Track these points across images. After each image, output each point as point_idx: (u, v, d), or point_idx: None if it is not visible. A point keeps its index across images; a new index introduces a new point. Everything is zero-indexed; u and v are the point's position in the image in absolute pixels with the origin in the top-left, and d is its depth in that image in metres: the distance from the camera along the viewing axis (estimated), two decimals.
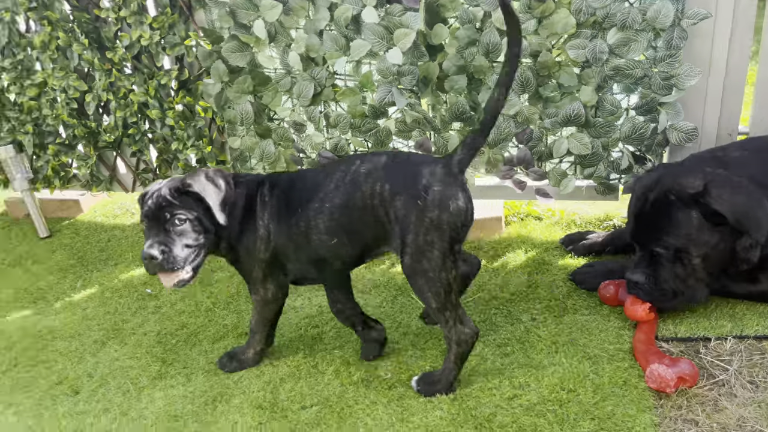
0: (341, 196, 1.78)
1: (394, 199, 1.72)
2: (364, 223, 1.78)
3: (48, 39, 2.70)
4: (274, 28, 2.40)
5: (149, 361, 2.17)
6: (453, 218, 1.69)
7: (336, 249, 1.83)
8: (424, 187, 1.69)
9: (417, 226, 1.69)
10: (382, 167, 1.76)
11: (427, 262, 1.70)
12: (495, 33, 2.21)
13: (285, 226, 1.85)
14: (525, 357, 1.96)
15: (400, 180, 1.72)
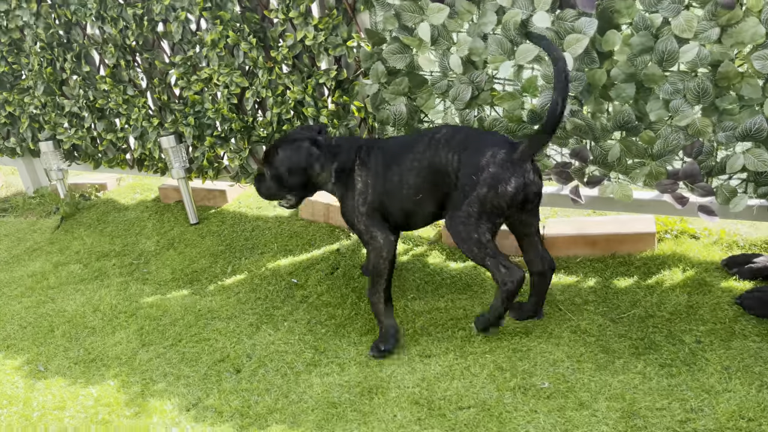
0: (427, 158, 2.08)
1: (459, 169, 2.02)
2: (440, 183, 2.07)
3: (218, 37, 2.88)
4: (437, 31, 2.43)
5: (302, 348, 2.25)
6: (498, 199, 1.96)
7: (420, 203, 2.13)
8: (481, 167, 1.96)
9: (467, 196, 1.98)
10: (457, 140, 2.06)
11: (463, 226, 2.00)
12: (673, 41, 2.13)
13: (382, 179, 2.17)
14: (693, 380, 1.86)
15: (467, 155, 2.01)
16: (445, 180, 2.06)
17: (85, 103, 3.47)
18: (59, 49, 3.39)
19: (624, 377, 1.92)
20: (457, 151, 2.04)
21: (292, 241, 3.05)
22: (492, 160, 1.96)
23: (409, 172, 2.11)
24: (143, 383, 2.13)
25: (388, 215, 2.20)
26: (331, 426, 1.86)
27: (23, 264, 3.21)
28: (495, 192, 1.95)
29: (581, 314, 2.26)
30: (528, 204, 2.03)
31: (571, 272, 2.54)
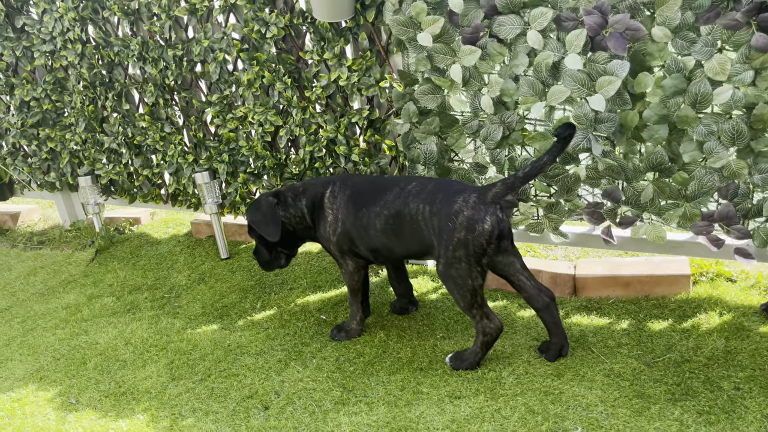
0: (396, 207, 2.25)
1: (432, 218, 2.16)
2: (410, 231, 2.24)
3: (254, 77, 2.97)
4: (469, 73, 2.47)
5: (331, 386, 2.24)
6: (478, 238, 2.07)
7: (387, 246, 2.31)
8: (455, 212, 2.09)
9: (448, 242, 2.10)
10: (427, 191, 2.21)
11: (456, 271, 2.12)
12: (706, 83, 2.13)
13: (352, 216, 2.35)
14: (733, 428, 1.80)
15: (438, 204, 2.15)
16: (414, 227, 2.22)
17: (124, 139, 3.57)
18: (101, 87, 3.52)
19: (660, 424, 1.86)
20: (427, 202, 2.18)
21: (321, 277, 3.07)
22: (464, 204, 2.10)
23: (376, 216, 2.29)
24: (172, 418, 2.13)
25: (356, 248, 2.40)
26: None
27: (58, 296, 3.28)
28: (473, 233, 2.07)
29: (614, 357, 2.22)
30: (504, 241, 2.13)
31: (603, 314, 2.50)
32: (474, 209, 2.08)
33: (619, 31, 2.14)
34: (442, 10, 2.43)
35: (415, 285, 2.87)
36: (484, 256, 2.10)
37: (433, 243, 2.19)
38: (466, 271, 2.10)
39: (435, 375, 2.24)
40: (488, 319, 2.18)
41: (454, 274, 2.13)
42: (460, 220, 2.08)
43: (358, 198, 2.36)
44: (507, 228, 2.13)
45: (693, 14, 2.08)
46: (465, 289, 2.13)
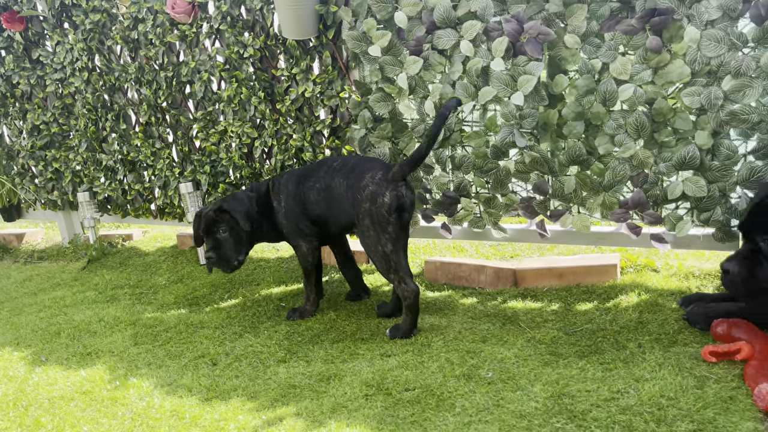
0: (325, 181, 2.60)
1: (348, 191, 2.50)
2: (337, 202, 2.57)
3: (233, 94, 3.34)
4: (415, 82, 2.80)
5: (277, 350, 2.45)
6: (380, 209, 2.40)
7: (323, 217, 2.64)
8: (363, 186, 2.44)
9: (358, 213, 2.46)
10: (347, 167, 2.56)
11: (367, 239, 2.45)
12: (612, 82, 2.43)
13: (293, 196, 2.67)
14: (627, 372, 1.98)
15: (352, 178, 2.49)
16: (339, 199, 2.57)
17: (120, 157, 3.93)
18: (102, 110, 3.92)
19: (563, 371, 2.04)
20: (345, 177, 2.54)
21: (286, 276, 3.31)
22: (371, 180, 2.44)
23: (310, 190, 2.65)
24: (128, 368, 2.35)
25: (301, 223, 2.69)
26: (286, 400, 2.03)
27: (47, 293, 3.54)
28: (375, 204, 2.40)
29: (539, 329, 2.41)
30: (405, 213, 2.44)
31: (537, 299, 2.70)
32: (377, 185, 2.42)
33: (533, 36, 2.47)
34: (390, 27, 2.80)
35: (371, 278, 3.10)
36: (389, 225, 2.40)
37: (352, 214, 2.52)
38: (375, 239, 2.42)
39: (373, 342, 2.44)
40: (405, 283, 2.43)
41: (366, 241, 2.47)
42: (365, 193, 2.43)
43: (297, 179, 2.71)
44: (409, 202, 2.45)
45: (597, 23, 2.42)
46: (378, 255, 2.44)
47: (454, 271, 3.02)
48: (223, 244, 2.70)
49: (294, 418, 1.91)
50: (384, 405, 1.93)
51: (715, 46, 2.25)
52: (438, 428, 1.79)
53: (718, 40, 2.24)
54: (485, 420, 1.80)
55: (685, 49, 2.30)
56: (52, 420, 2.03)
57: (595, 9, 2.40)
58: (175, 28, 3.43)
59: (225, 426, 1.91)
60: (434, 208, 2.96)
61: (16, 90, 4.23)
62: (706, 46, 2.26)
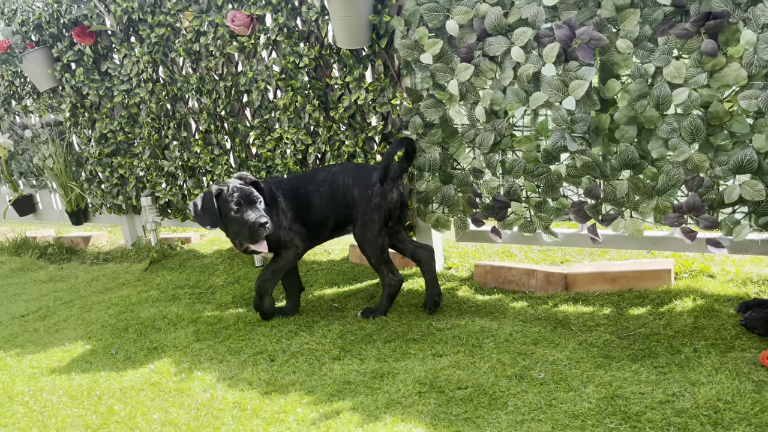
0: (327, 184, 2.82)
1: (354, 188, 2.77)
2: (337, 203, 2.80)
3: (289, 102, 3.46)
4: (465, 88, 2.86)
5: (331, 348, 2.53)
6: (388, 204, 2.76)
7: (323, 216, 2.82)
8: (372, 183, 2.75)
9: (366, 207, 2.73)
10: (348, 169, 2.84)
11: (369, 231, 2.75)
12: (666, 86, 2.43)
13: (295, 199, 2.84)
14: (682, 376, 1.97)
15: (359, 178, 2.78)
16: (340, 200, 2.80)
17: (180, 163, 4.12)
18: (165, 119, 4.12)
19: (616, 373, 2.05)
20: (351, 176, 2.80)
21: (338, 277, 3.40)
22: (378, 178, 2.76)
23: (313, 195, 2.84)
24: (191, 362, 2.47)
25: (302, 226, 2.84)
26: (342, 395, 2.10)
27: (113, 292, 3.73)
28: (385, 200, 2.75)
29: (590, 332, 2.42)
30: (404, 209, 2.84)
31: (588, 303, 2.70)
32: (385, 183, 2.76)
33: (585, 41, 2.49)
34: (441, 35, 2.86)
35: (422, 282, 3.15)
36: (390, 220, 2.77)
37: (350, 210, 2.79)
38: (377, 232, 2.74)
39: (424, 343, 2.50)
40: (392, 273, 2.77)
41: (368, 233, 2.75)
42: (375, 190, 2.74)
43: (296, 187, 2.89)
44: (404, 199, 2.85)
45: (650, 27, 2.42)
46: (376, 247, 2.74)
47: (504, 275, 3.05)
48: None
49: (350, 412, 1.98)
50: (437, 402, 1.98)
51: None
52: (491, 426, 1.83)
53: None
54: (538, 419, 1.83)
55: (741, 52, 2.28)
56: (124, 408, 2.17)
57: (648, 13, 2.40)
58: (234, 39, 3.58)
59: (285, 418, 1.99)
60: (484, 212, 3.00)
61: (86, 100, 4.48)
62: (762, 49, 2.23)
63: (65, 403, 2.25)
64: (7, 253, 5.09)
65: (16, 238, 5.32)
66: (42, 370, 2.57)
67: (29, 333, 3.07)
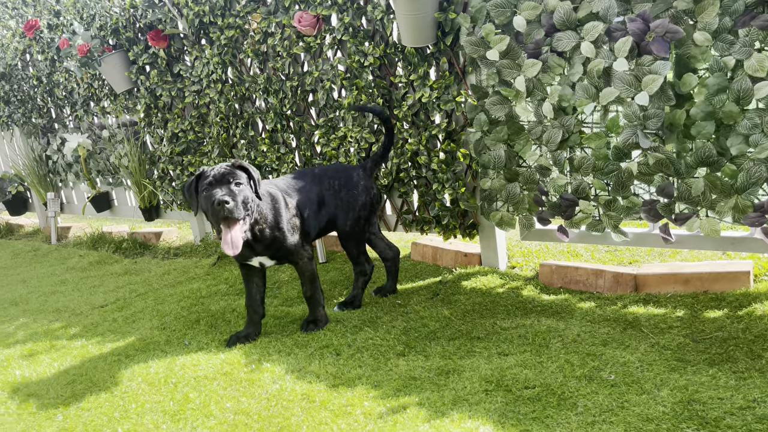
0: (315, 187, 2.94)
1: (341, 190, 2.95)
2: (326, 203, 2.94)
3: (354, 101, 3.50)
4: (532, 84, 2.82)
5: (395, 344, 2.55)
6: (372, 199, 3.01)
7: (314, 217, 2.90)
8: (355, 183, 2.97)
9: (354, 206, 2.94)
10: (331, 170, 3.01)
11: (358, 227, 2.97)
12: (747, 80, 2.32)
13: (293, 205, 2.83)
14: (764, 381, 1.89)
15: (343, 178, 2.97)
16: (326, 200, 2.93)
17: (248, 161, 4.23)
18: (233, 118, 4.24)
19: (692, 377, 1.98)
20: (336, 178, 2.97)
21: (400, 275, 3.42)
22: (359, 177, 2.99)
23: (304, 198, 2.90)
24: (261, 354, 2.54)
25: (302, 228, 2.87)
26: (408, 390, 2.12)
27: (184, 285, 3.88)
28: (370, 196, 3.00)
29: (663, 335, 2.34)
30: (378, 201, 3.07)
31: (660, 305, 2.61)
32: (366, 179, 3.00)
33: (660, 34, 2.41)
34: (508, 31, 2.83)
35: (484, 281, 3.13)
36: (373, 214, 3.03)
37: (336, 209, 2.94)
38: (363, 227, 2.98)
39: (489, 342, 2.48)
40: (368, 262, 3.02)
41: (357, 230, 2.96)
42: (360, 187, 2.96)
43: (295, 189, 2.91)
44: (379, 193, 3.11)
45: (730, 19, 2.32)
46: (361, 241, 2.98)
47: (570, 275, 2.99)
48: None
49: (417, 407, 1.99)
50: (504, 401, 1.97)
51: None
52: (560, 426, 1.80)
53: None
54: (609, 421, 1.79)
55: None
56: (198, 396, 2.25)
57: (729, 4, 2.30)
58: (300, 40, 3.65)
59: (352, 411, 2.03)
60: (551, 211, 2.95)
61: (159, 101, 4.67)
62: None
63: (144, 390, 2.36)
64: (86, 247, 5.36)
65: (94, 233, 5.60)
66: (121, 358, 2.71)
67: (108, 323, 3.23)
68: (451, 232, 3.38)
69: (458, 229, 3.35)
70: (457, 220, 3.34)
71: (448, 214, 3.33)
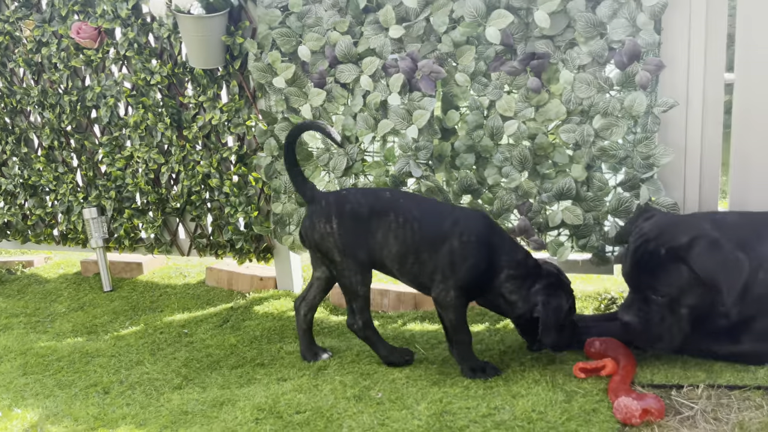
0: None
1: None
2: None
3: (140, 120, 3.33)
4: (319, 112, 2.91)
5: (174, 377, 2.44)
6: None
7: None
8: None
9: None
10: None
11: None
12: (498, 118, 2.62)
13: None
14: (506, 389, 2.11)
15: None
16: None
17: (20, 181, 3.81)
18: (2, 133, 3.80)
19: (449, 389, 2.15)
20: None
21: (192, 302, 3.30)
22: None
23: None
24: (13, 399, 2.28)
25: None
26: (176, 426, 2.03)
27: None
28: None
29: (432, 350, 2.52)
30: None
31: (434, 322, 2.81)
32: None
33: (426, 74, 2.63)
34: (295, 59, 2.90)
35: (277, 305, 3.14)
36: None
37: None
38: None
39: (272, 368, 2.48)
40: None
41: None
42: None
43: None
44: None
45: (484, 63, 2.61)
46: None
47: None
48: None
49: None
50: (274, 428, 1.98)
51: (586, 88, 2.47)
52: None
53: (589, 83, 2.46)
54: None
55: (561, 90, 2.52)
56: None
57: (482, 50, 2.58)
58: (80, 52, 3.40)
59: None
60: None
61: None
62: (578, 87, 2.48)
63: None
64: None
65: None
66: None
67: None
68: (246, 256, 3.34)
69: (253, 253, 3.32)
70: (251, 244, 3.31)
71: (242, 238, 3.29)
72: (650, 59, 2.38)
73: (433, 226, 2.27)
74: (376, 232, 2.29)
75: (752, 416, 1.84)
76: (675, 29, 2.41)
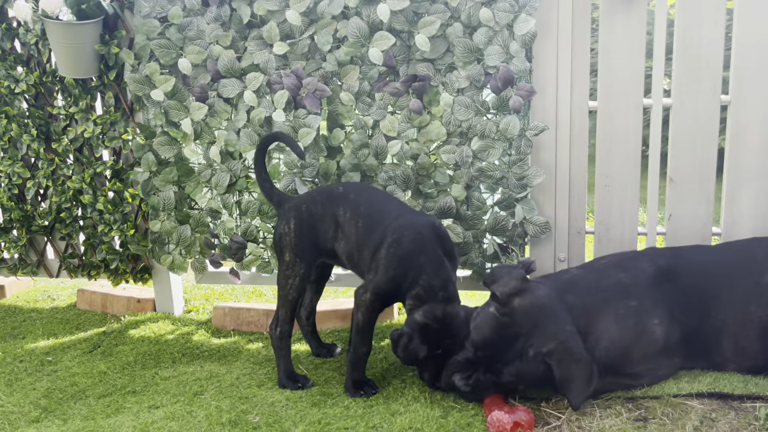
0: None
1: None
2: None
3: (3, 131, 3.07)
4: (200, 127, 2.81)
5: (31, 409, 2.24)
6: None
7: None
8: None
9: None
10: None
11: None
12: (382, 138, 2.65)
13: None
14: (386, 407, 2.12)
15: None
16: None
17: None
18: None
19: (329, 410, 2.13)
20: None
21: (59, 327, 3.06)
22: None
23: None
24: None
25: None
26: None
27: None
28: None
29: (316, 370, 2.49)
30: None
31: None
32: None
33: (311, 91, 2.63)
34: (175, 72, 2.79)
35: (155, 328, 2.97)
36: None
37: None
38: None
39: (144, 395, 2.34)
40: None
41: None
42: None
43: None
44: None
45: (369, 83, 2.64)
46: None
47: (243, 317, 3.01)
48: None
49: None
50: None
51: (464, 111, 2.57)
52: None
53: (467, 106, 2.56)
54: None
55: (442, 112, 2.60)
56: None
57: (366, 71, 2.62)
58: None
59: None
60: (222, 254, 2.95)
61: None
62: (457, 110, 2.57)
63: None
64: None
65: None
66: None
67: None
68: (122, 277, 3.15)
69: (129, 274, 3.14)
70: (127, 265, 3.12)
71: (117, 257, 3.10)
72: (522, 85, 2.52)
73: (373, 226, 2.28)
74: (328, 228, 2.36)
75: (612, 423, 1.95)
76: (545, 58, 2.56)
